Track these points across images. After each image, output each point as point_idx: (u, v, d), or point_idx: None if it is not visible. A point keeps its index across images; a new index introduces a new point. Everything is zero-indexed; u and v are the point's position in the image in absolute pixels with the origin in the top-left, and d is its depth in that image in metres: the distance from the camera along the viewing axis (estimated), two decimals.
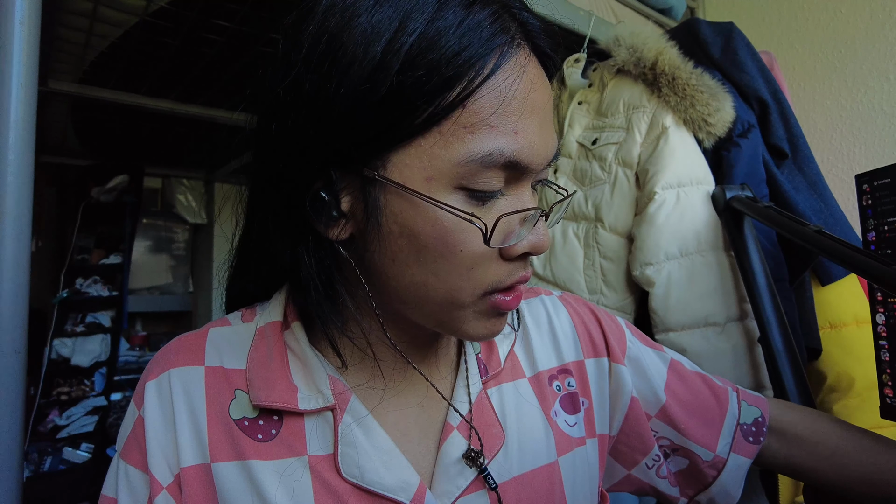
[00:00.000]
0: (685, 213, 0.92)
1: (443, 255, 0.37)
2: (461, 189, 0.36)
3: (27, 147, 0.58)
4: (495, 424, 0.47)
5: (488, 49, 0.35)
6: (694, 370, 0.58)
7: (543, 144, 0.38)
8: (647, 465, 0.55)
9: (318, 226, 0.40)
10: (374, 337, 0.45)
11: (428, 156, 0.35)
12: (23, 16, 0.57)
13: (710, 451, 0.55)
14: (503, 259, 0.39)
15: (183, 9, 1.14)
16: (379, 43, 0.34)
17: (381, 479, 0.41)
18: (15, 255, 0.57)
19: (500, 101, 0.35)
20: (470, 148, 0.35)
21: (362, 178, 0.37)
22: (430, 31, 0.34)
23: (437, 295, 0.39)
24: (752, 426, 0.56)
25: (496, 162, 0.36)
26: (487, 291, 0.39)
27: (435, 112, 0.34)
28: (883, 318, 0.61)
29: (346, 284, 0.43)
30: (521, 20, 0.38)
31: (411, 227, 0.37)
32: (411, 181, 0.36)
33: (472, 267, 0.38)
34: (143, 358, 2.85)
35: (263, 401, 0.42)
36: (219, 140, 2.25)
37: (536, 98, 0.37)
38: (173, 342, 0.47)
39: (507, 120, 0.36)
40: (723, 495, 0.56)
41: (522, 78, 0.36)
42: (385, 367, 0.46)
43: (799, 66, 1.36)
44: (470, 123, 0.35)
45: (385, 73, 0.34)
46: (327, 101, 0.35)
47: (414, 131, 0.35)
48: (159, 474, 0.41)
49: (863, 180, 0.63)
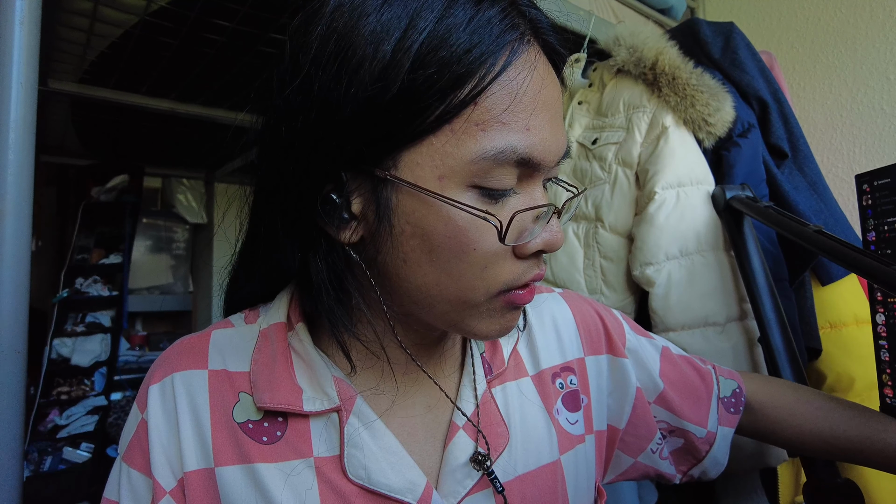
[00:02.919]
0: (685, 212, 0.92)
1: (456, 254, 0.37)
2: (474, 187, 0.36)
3: (27, 147, 0.57)
4: (500, 424, 0.47)
5: (499, 45, 0.35)
6: (678, 353, 0.62)
7: (555, 141, 0.38)
8: (651, 450, 0.58)
9: (328, 229, 0.39)
10: (385, 340, 0.45)
11: (440, 154, 0.35)
12: (23, 15, 0.57)
13: (702, 428, 0.58)
14: (517, 257, 0.39)
15: (183, 8, 1.14)
16: (389, 42, 0.34)
17: (387, 480, 0.41)
18: (15, 254, 0.57)
19: (511, 97, 0.35)
20: (482, 145, 0.35)
21: (373, 179, 0.37)
22: (439, 28, 0.34)
23: (450, 294, 0.38)
24: (731, 398, 0.61)
25: (509, 159, 0.35)
26: (502, 290, 0.39)
27: (446, 110, 0.34)
28: (883, 317, 0.61)
29: (358, 287, 0.42)
30: (530, 17, 0.38)
31: (424, 226, 0.36)
32: (423, 180, 0.36)
33: (485, 266, 0.37)
34: (142, 358, 2.85)
35: (268, 403, 0.42)
36: (219, 140, 2.25)
37: (547, 94, 0.37)
38: (176, 344, 0.47)
39: (519, 117, 0.35)
40: (714, 465, 0.60)
41: (533, 74, 0.36)
42: (395, 369, 0.46)
43: (799, 66, 1.36)
44: (482, 121, 0.35)
45: (396, 71, 0.33)
46: (338, 102, 0.35)
47: (426, 130, 0.35)
48: (162, 479, 0.41)
49: (863, 180, 0.63)
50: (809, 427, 0.58)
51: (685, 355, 0.62)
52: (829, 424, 0.58)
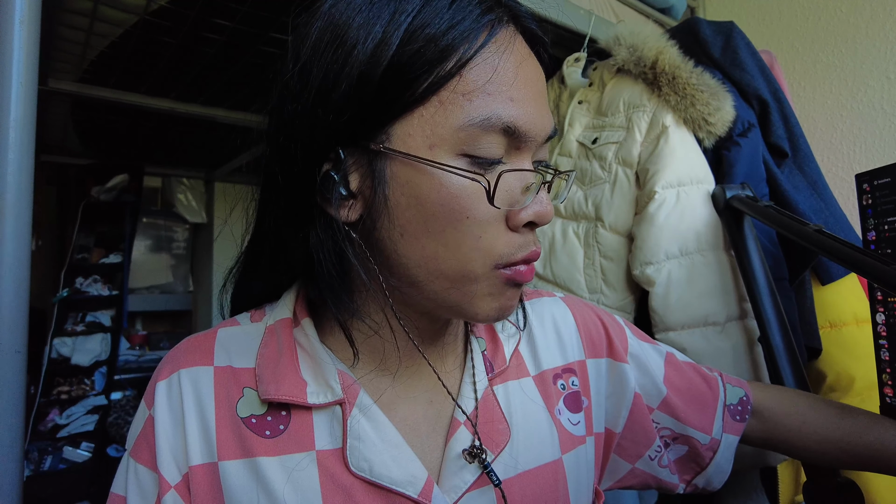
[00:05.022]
0: (685, 212, 0.92)
1: (451, 221, 0.38)
2: (463, 156, 0.38)
3: (27, 146, 0.58)
4: (501, 421, 0.47)
5: (479, 24, 0.38)
6: (685, 360, 0.62)
7: (539, 115, 0.40)
8: (650, 457, 0.58)
9: (328, 208, 0.41)
10: (387, 320, 0.45)
11: (430, 124, 0.38)
12: (23, 15, 0.57)
13: (707, 435, 0.58)
14: (510, 229, 0.40)
15: (183, 8, 1.14)
16: (379, 24, 0.37)
17: (389, 473, 0.41)
18: (15, 254, 0.57)
19: (492, 70, 0.38)
20: (468, 113, 0.37)
21: (369, 154, 0.39)
22: (425, 10, 0.38)
23: (449, 268, 0.39)
24: (737, 405, 0.60)
25: (494, 126, 0.38)
26: (499, 264, 0.40)
27: (434, 81, 0.37)
28: (883, 317, 0.61)
29: (358, 267, 0.43)
30: (506, 4, 0.41)
31: (418, 195, 0.38)
32: (415, 150, 0.38)
33: (480, 235, 0.39)
34: (143, 357, 2.85)
35: (272, 395, 0.42)
36: (219, 139, 2.25)
37: (528, 71, 0.40)
38: (183, 343, 0.48)
39: (502, 88, 0.38)
40: (718, 473, 0.60)
41: (511, 51, 0.40)
42: (394, 351, 0.46)
43: (799, 65, 1.36)
44: (467, 91, 0.38)
45: (386, 48, 0.37)
46: (334, 81, 0.38)
47: (415, 101, 0.38)
48: (168, 473, 0.41)
49: (863, 180, 0.63)
50: (823, 434, 0.58)
51: (690, 362, 0.62)
52: (842, 431, 0.57)
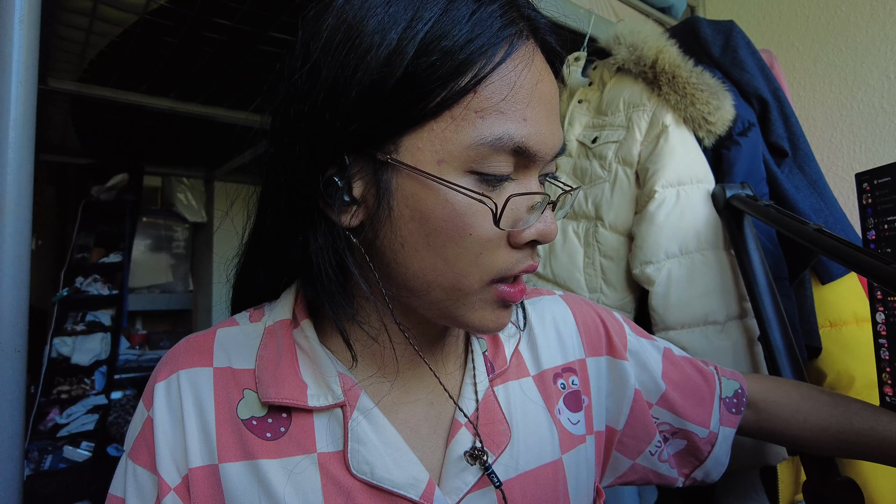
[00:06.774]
0: (685, 211, 0.92)
1: (452, 238, 0.38)
2: (472, 173, 0.37)
3: (27, 146, 0.57)
4: (502, 422, 0.47)
5: (498, 39, 0.37)
6: (681, 354, 0.62)
7: (551, 134, 0.39)
8: (650, 453, 0.58)
9: (330, 212, 0.40)
10: (386, 325, 0.45)
11: (440, 139, 0.37)
12: (22, 14, 0.57)
13: (705, 429, 0.58)
14: (511, 247, 0.40)
15: (183, 7, 1.14)
16: (395, 31, 0.36)
17: (390, 476, 0.41)
18: (15, 253, 0.57)
19: (509, 88, 0.37)
20: (480, 131, 0.36)
21: (375, 162, 0.38)
22: (443, 20, 0.36)
23: (445, 281, 0.39)
24: (733, 398, 0.61)
25: (505, 146, 0.37)
26: (495, 279, 0.40)
27: (447, 96, 0.36)
28: (883, 316, 0.61)
29: (358, 272, 0.43)
30: (528, 16, 0.40)
31: (422, 209, 0.38)
32: (423, 164, 0.37)
33: (480, 252, 0.38)
34: (143, 357, 2.85)
35: (273, 398, 0.42)
36: (219, 138, 2.25)
37: (544, 89, 0.39)
38: (181, 343, 0.47)
39: (516, 107, 0.37)
40: (716, 466, 0.60)
41: (530, 68, 0.38)
42: (392, 359, 0.46)
43: (799, 64, 1.36)
44: (481, 108, 0.36)
45: (400, 58, 0.35)
46: (344, 86, 0.36)
47: (427, 115, 0.36)
48: (167, 475, 0.41)
49: (863, 179, 0.63)
50: (816, 422, 0.59)
51: (687, 356, 0.62)
52: (835, 419, 0.58)
